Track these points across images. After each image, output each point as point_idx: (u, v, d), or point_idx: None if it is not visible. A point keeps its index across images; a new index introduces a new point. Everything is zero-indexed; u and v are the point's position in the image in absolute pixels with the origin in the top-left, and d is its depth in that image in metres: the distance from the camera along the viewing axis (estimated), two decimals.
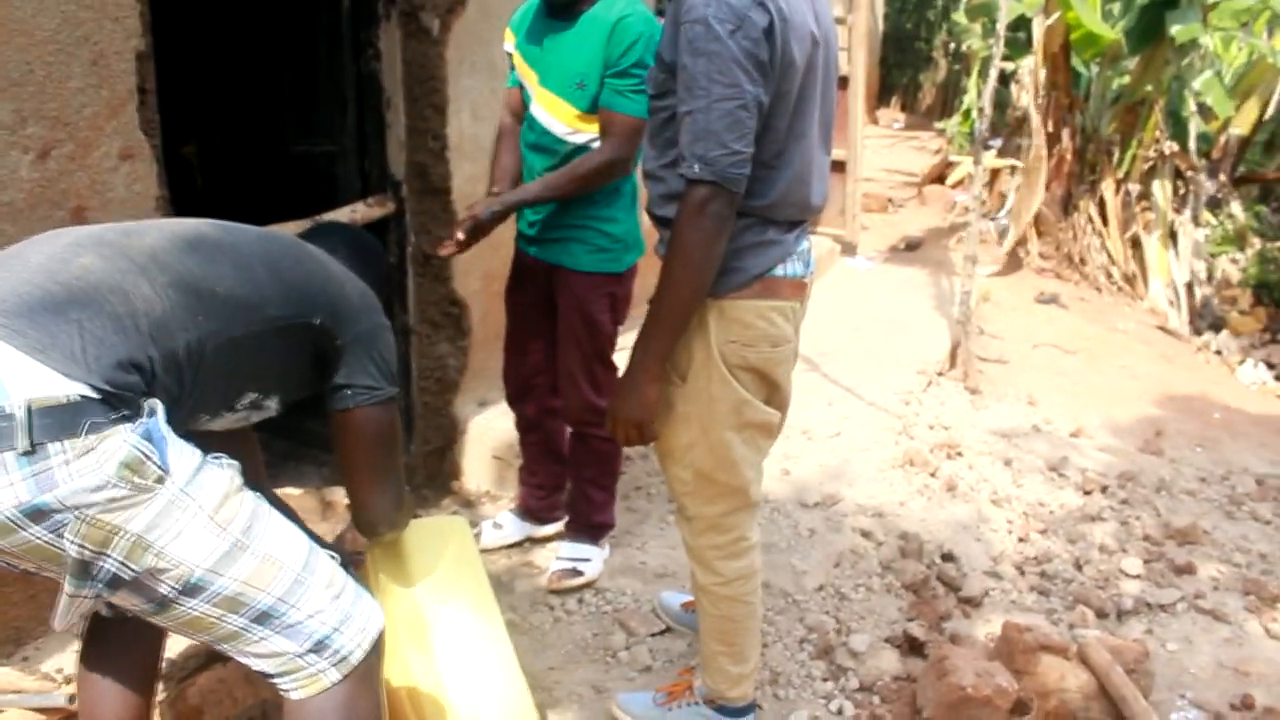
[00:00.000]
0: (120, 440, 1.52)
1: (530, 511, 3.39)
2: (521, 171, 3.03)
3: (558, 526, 3.39)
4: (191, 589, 1.62)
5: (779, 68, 1.93)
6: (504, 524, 3.38)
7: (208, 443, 1.72)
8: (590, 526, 3.25)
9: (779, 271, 2.09)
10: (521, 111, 3.00)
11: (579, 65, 2.78)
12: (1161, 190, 8.26)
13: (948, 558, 3.69)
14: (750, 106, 1.89)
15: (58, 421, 1.49)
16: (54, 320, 1.55)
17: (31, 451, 1.47)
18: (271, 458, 3.46)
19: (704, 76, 1.88)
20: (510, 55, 2.99)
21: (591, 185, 2.84)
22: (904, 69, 15.83)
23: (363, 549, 2.33)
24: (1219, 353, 7.53)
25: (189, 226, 1.87)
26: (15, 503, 1.48)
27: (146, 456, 1.54)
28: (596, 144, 2.83)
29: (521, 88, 2.97)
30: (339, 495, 2.96)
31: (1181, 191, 8.46)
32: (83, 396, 1.51)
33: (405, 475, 2.26)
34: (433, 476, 3.74)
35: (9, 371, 1.49)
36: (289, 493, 3.35)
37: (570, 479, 3.27)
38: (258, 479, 2.27)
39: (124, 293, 1.63)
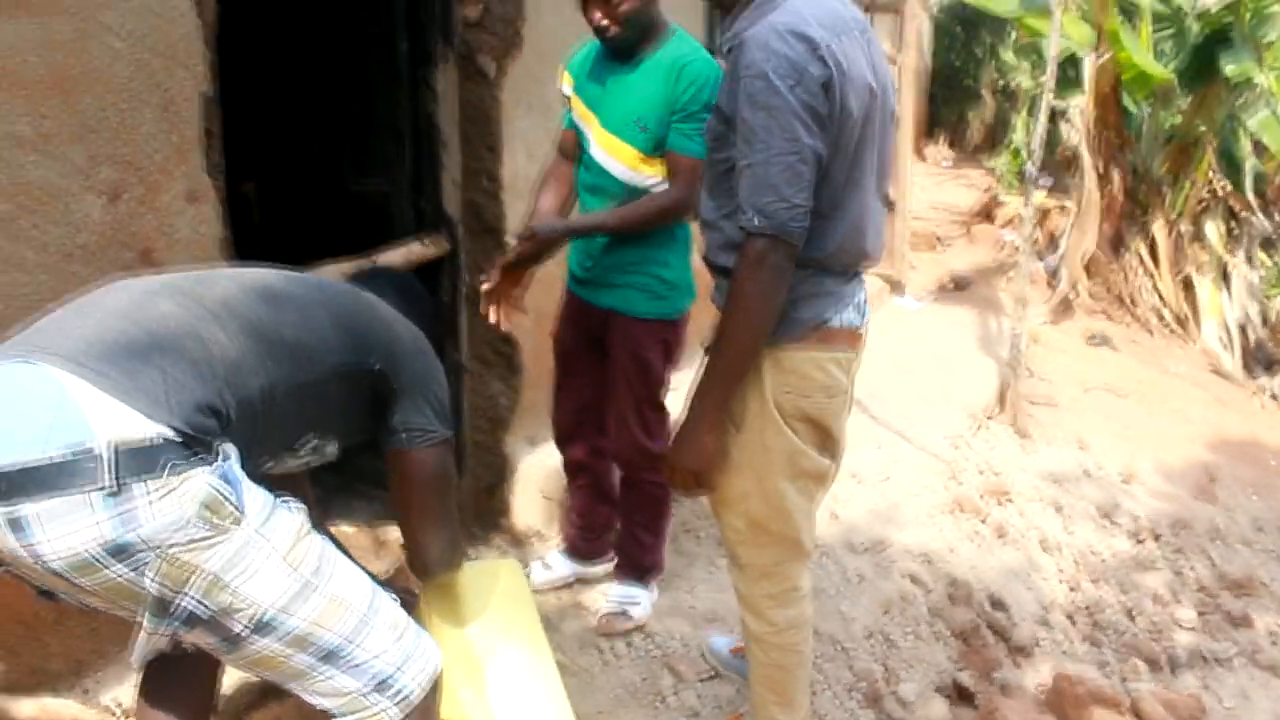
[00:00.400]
0: (200, 481, 1.57)
1: (578, 551, 3.39)
2: (563, 214, 3.06)
3: (607, 566, 3.39)
4: (263, 627, 1.66)
5: (837, 120, 1.94)
6: (553, 564, 3.39)
7: (268, 486, 1.75)
8: (639, 569, 3.25)
9: (834, 321, 2.09)
10: (573, 152, 3.03)
11: (641, 107, 2.79)
12: (1214, 230, 8.17)
13: (997, 605, 3.66)
14: (809, 159, 1.91)
15: (141, 461, 1.54)
16: (137, 364, 1.60)
17: (116, 491, 1.52)
18: (322, 492, 3.48)
19: (763, 130, 1.90)
20: (568, 98, 3.02)
21: (659, 223, 2.87)
22: (952, 105, 15.76)
23: (417, 589, 2.36)
24: (1274, 396, 7.41)
25: (256, 275, 1.93)
26: (100, 540, 1.53)
27: (225, 497, 1.59)
28: (655, 185, 2.84)
29: (578, 130, 2.99)
30: (392, 533, 2.99)
31: (1235, 231, 8.36)
32: (164, 438, 1.56)
33: (457, 514, 2.29)
34: (482, 514, 3.76)
35: (95, 413, 1.54)
36: (341, 530, 3.38)
37: (620, 522, 3.28)
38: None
39: (200, 338, 1.69)
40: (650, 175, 2.84)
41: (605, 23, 2.73)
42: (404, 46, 3.45)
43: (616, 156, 2.86)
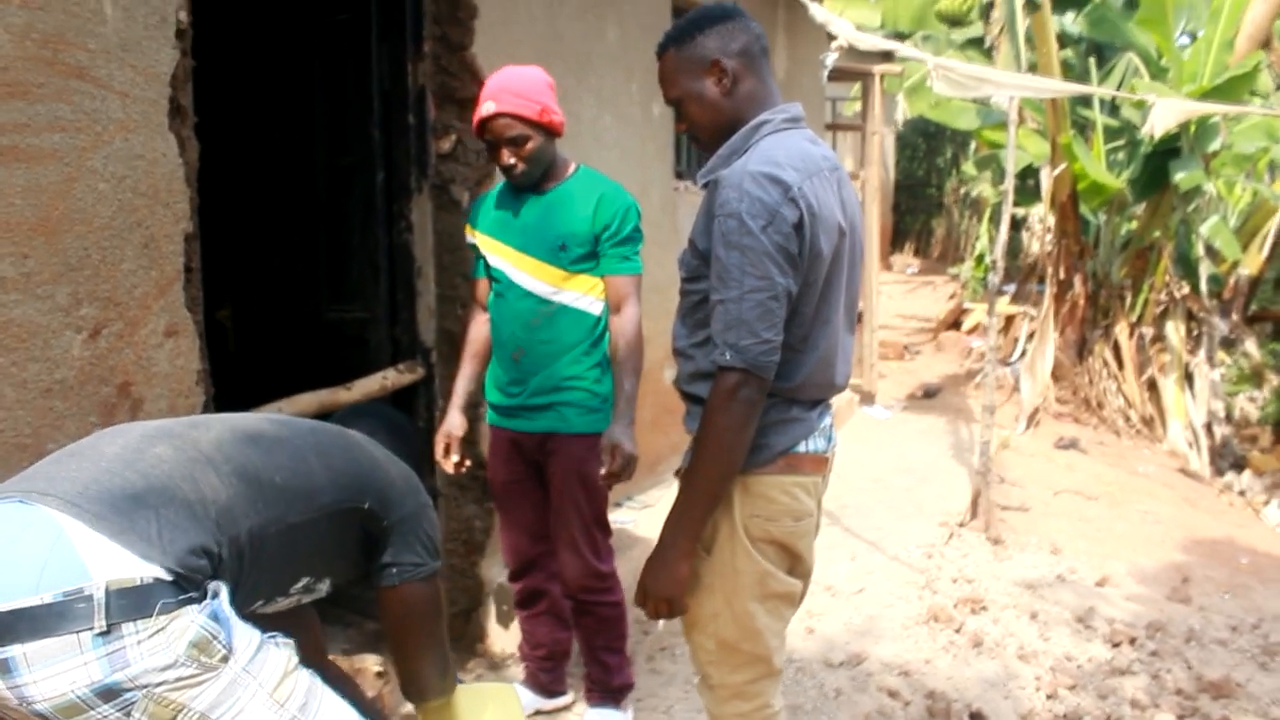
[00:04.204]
0: (189, 620, 1.60)
1: (540, 684, 3.36)
2: (482, 371, 3.19)
3: (567, 699, 3.39)
4: None
5: (807, 259, 2.02)
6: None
7: (272, 617, 1.79)
8: (611, 691, 3.23)
9: (802, 448, 2.14)
10: (488, 300, 3.16)
11: (561, 229, 2.98)
12: (1175, 332, 8.37)
13: (976, 717, 3.65)
14: (780, 297, 1.98)
15: (133, 603, 1.56)
16: (133, 506, 1.64)
17: (107, 631, 1.54)
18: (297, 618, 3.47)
19: (737, 268, 1.97)
20: (474, 245, 3.16)
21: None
22: (916, 215, 16.17)
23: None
24: (1242, 493, 7.51)
25: (248, 421, 1.99)
26: (88, 682, 1.54)
27: (213, 636, 1.61)
28: (576, 300, 3.00)
29: (492, 272, 3.10)
30: (368, 662, 2.98)
31: (1195, 332, 8.56)
32: (156, 579, 1.59)
33: (448, 639, 2.32)
34: (458, 638, 3.74)
35: (91, 554, 1.57)
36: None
37: (581, 648, 3.27)
38: (316, 648, 2.33)
39: (194, 481, 1.73)
40: (572, 291, 3.00)
41: (513, 161, 2.95)
42: (380, 178, 3.56)
43: (541, 278, 3.00)
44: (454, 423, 3.14)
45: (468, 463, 3.15)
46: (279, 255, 4.00)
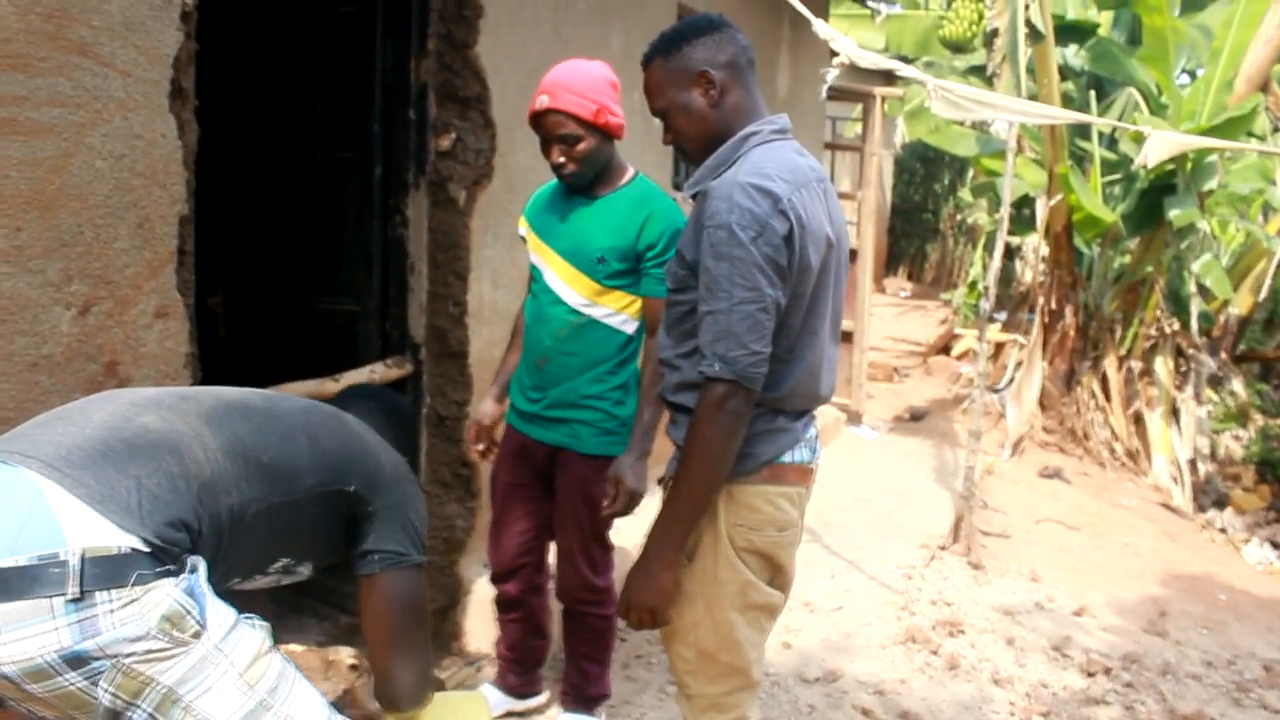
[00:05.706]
0: (164, 593, 1.59)
1: (511, 687, 3.33)
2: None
3: (540, 700, 3.36)
4: None
5: (796, 271, 2.02)
6: (487, 697, 3.34)
7: (233, 601, 1.77)
8: (587, 699, 3.22)
9: (787, 458, 2.14)
10: None
11: (602, 241, 2.87)
12: (1164, 367, 8.39)
13: None
14: (769, 308, 1.98)
15: (107, 571, 1.55)
16: (115, 474, 1.64)
17: (79, 598, 1.53)
18: (274, 608, 3.45)
19: (726, 280, 1.97)
20: (523, 238, 3.10)
21: None
22: (911, 239, 16.22)
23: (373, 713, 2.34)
24: (1223, 530, 7.52)
25: (239, 396, 1.98)
26: (58, 648, 1.53)
27: (187, 611, 1.61)
28: (608, 317, 2.90)
29: (533, 267, 3.05)
30: (342, 655, 2.96)
31: (1183, 369, 8.59)
32: (133, 549, 1.58)
33: (430, 644, 2.27)
34: (435, 636, 3.72)
35: (69, 520, 1.56)
36: (291, 649, 3.33)
37: (565, 653, 3.24)
38: None
39: (179, 454, 1.73)
40: (604, 307, 2.91)
41: (563, 160, 2.84)
42: (378, 172, 3.55)
43: (574, 287, 2.91)
44: (481, 411, 3.14)
45: (495, 452, 3.12)
46: (273, 244, 3.99)
